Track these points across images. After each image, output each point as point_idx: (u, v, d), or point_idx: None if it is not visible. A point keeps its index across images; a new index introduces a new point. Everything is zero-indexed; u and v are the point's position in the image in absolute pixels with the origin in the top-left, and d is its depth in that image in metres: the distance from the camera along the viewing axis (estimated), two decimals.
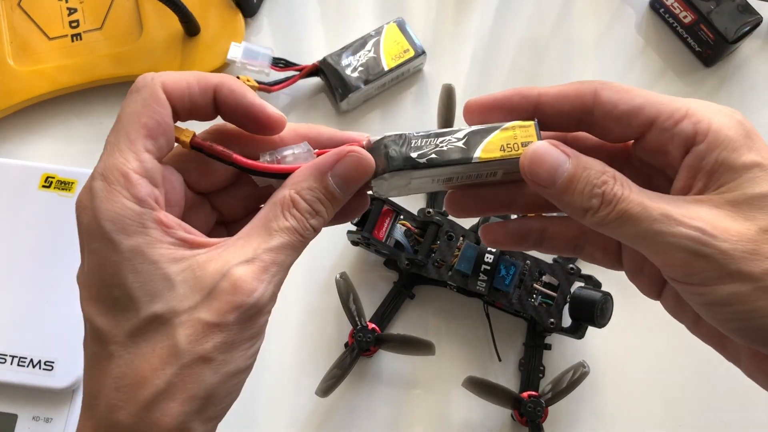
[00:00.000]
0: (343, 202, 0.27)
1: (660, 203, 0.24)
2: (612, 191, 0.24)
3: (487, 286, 0.44)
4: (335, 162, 0.26)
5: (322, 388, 0.43)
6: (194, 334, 0.24)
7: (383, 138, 0.26)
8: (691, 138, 0.24)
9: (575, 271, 0.45)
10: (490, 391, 0.43)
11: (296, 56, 0.52)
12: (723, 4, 0.51)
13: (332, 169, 0.26)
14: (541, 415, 0.43)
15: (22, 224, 0.45)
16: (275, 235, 0.25)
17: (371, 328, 0.44)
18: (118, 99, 0.52)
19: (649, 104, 0.25)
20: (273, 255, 0.25)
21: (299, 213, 0.26)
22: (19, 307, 0.44)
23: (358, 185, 0.26)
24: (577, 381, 0.43)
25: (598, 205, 0.24)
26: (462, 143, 0.26)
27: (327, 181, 0.26)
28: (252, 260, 0.24)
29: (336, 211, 0.27)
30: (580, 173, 0.24)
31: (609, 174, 0.24)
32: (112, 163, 0.25)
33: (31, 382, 0.42)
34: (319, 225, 0.26)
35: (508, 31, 0.55)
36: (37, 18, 0.52)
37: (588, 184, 0.24)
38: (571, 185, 0.24)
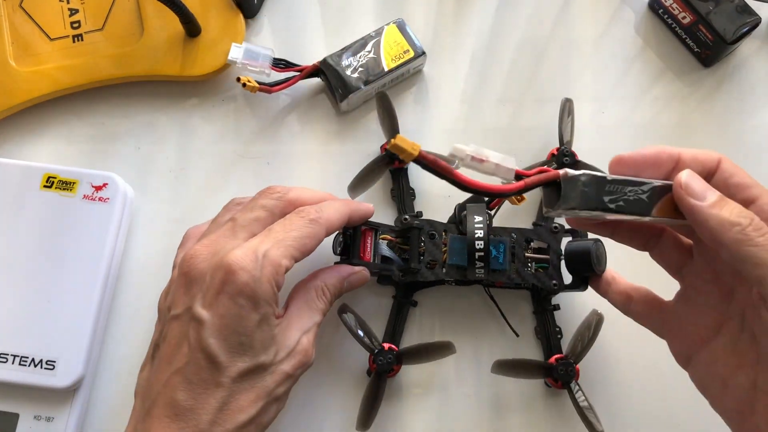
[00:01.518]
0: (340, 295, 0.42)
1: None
2: (761, 222, 0.28)
3: (485, 271, 0.44)
4: (350, 274, 0.42)
5: (362, 422, 0.43)
6: (278, 380, 0.35)
7: (581, 175, 0.29)
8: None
9: (559, 228, 0.46)
10: (519, 368, 0.45)
11: (297, 57, 0.52)
12: (722, 4, 0.51)
13: (349, 277, 0.41)
14: (574, 375, 0.44)
15: (24, 224, 0.45)
16: (315, 314, 0.39)
17: (388, 348, 0.44)
18: (119, 99, 0.53)
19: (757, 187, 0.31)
20: (316, 328, 0.39)
21: (326, 299, 0.40)
22: (21, 307, 0.44)
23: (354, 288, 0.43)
24: (596, 330, 0.44)
25: (747, 224, 0.28)
26: (645, 197, 0.30)
27: (343, 284, 0.41)
28: (308, 331, 0.38)
29: None
30: (728, 199, 0.29)
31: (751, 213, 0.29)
32: (276, 253, 0.35)
33: (32, 382, 0.42)
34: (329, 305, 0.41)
35: (508, 31, 0.55)
36: (38, 18, 0.52)
37: (736, 207, 0.29)
38: (722, 202, 0.29)
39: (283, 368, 0.35)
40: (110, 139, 0.52)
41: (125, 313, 0.48)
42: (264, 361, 0.34)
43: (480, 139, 0.52)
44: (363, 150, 0.51)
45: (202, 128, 0.52)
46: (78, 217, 0.45)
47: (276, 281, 0.35)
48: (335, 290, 0.40)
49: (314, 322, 0.38)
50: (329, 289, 0.39)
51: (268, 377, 0.34)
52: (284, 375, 0.35)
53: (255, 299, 0.34)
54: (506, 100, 0.53)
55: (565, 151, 0.48)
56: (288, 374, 0.35)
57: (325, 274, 0.40)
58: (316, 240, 0.37)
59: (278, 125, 0.52)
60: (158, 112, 0.53)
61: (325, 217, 0.38)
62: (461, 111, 0.53)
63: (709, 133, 0.53)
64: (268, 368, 0.35)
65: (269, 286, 0.34)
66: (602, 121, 0.53)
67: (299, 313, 0.38)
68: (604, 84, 0.54)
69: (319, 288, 0.39)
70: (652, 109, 0.53)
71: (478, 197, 0.47)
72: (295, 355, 0.36)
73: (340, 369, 0.47)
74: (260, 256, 0.34)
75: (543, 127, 0.52)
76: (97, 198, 0.46)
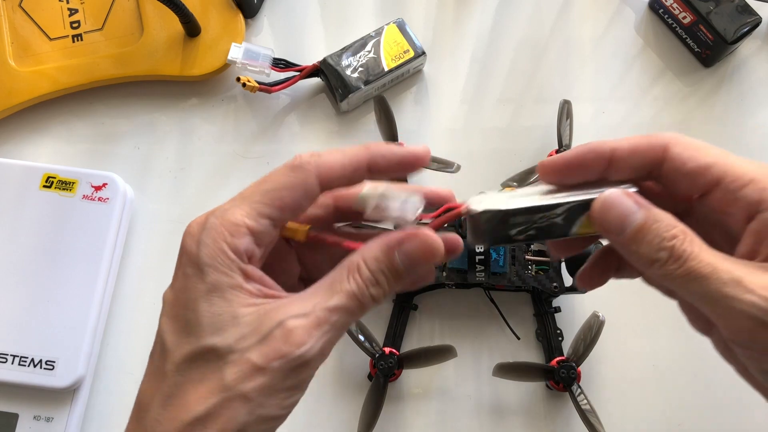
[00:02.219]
0: (405, 279, 0.27)
1: (730, 266, 0.24)
2: (682, 247, 0.24)
3: (486, 274, 0.44)
4: (404, 240, 0.27)
5: (363, 427, 0.43)
6: (241, 372, 0.25)
7: (483, 212, 0.27)
8: (755, 204, 0.25)
9: None
10: (521, 371, 0.45)
11: (296, 57, 0.52)
12: (722, 4, 0.51)
13: (400, 246, 0.27)
14: (575, 377, 0.44)
15: (23, 224, 0.45)
16: (335, 296, 0.26)
17: (389, 352, 0.44)
18: (118, 99, 0.53)
19: (718, 164, 0.26)
20: (328, 314, 0.26)
21: (361, 279, 0.27)
22: (21, 307, 0.44)
23: (422, 265, 0.27)
24: (598, 332, 0.44)
25: (666, 259, 0.24)
26: (561, 219, 0.27)
27: (393, 256, 0.27)
28: (307, 315, 0.26)
29: (398, 287, 0.28)
30: (650, 224, 0.25)
31: (679, 229, 0.25)
32: (233, 213, 0.27)
33: (32, 382, 0.42)
34: (378, 295, 0.27)
35: (508, 31, 0.55)
36: (38, 18, 0.52)
37: (657, 237, 0.25)
38: (639, 235, 0.25)
39: (249, 357, 0.25)
40: (110, 139, 0.52)
41: (125, 313, 0.48)
42: (216, 345, 0.26)
43: (480, 139, 0.52)
44: None
45: (202, 128, 0.52)
46: (78, 217, 0.45)
47: (231, 244, 0.26)
48: (378, 266, 0.27)
49: (326, 306, 0.26)
50: (368, 265, 0.27)
51: (225, 367, 0.26)
52: (251, 367, 0.25)
53: (199, 265, 0.26)
54: (506, 100, 0.53)
55: None
56: (257, 366, 0.25)
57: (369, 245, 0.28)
58: (298, 191, 0.27)
59: (278, 125, 0.52)
60: (158, 112, 0.53)
61: (316, 162, 0.27)
62: (461, 111, 0.53)
63: (709, 132, 0.52)
64: (224, 355, 0.26)
65: (215, 248, 0.26)
66: (602, 121, 0.53)
67: (308, 294, 0.27)
68: (604, 84, 0.54)
69: (354, 264, 0.27)
70: (652, 109, 0.53)
71: None
72: (269, 341, 0.25)
73: (341, 374, 0.47)
74: (212, 217, 0.27)
75: (543, 126, 0.52)
76: (96, 198, 0.46)
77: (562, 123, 0.49)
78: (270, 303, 0.27)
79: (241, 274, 0.26)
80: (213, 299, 0.26)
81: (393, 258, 0.27)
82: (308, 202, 0.28)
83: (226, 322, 0.26)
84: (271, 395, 0.26)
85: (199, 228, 0.27)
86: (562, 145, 0.49)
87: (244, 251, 0.27)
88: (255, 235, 0.27)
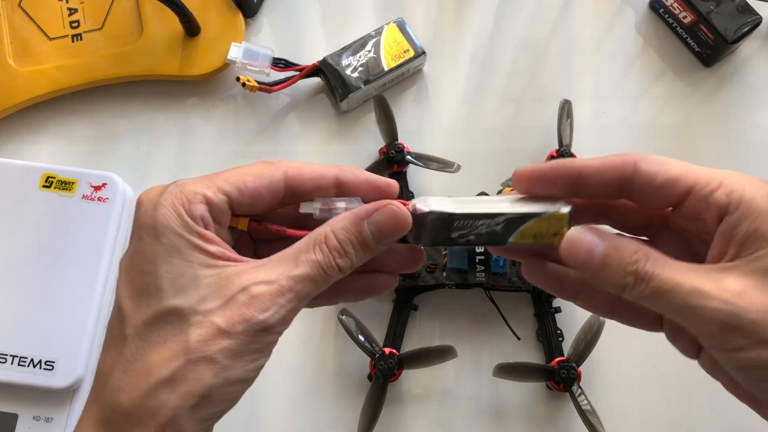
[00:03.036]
0: (374, 252, 0.28)
1: (690, 277, 0.25)
2: (644, 269, 0.25)
3: (486, 275, 0.44)
4: (374, 211, 0.28)
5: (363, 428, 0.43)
6: (205, 335, 0.26)
7: (429, 213, 0.28)
8: (724, 207, 0.26)
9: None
10: (521, 372, 0.45)
11: (296, 56, 0.52)
12: (723, 4, 0.51)
13: (370, 217, 0.28)
14: (576, 377, 0.44)
15: (23, 224, 0.45)
16: (300, 265, 0.27)
17: (389, 353, 0.44)
18: (118, 99, 0.53)
19: (686, 174, 0.27)
20: (292, 282, 0.27)
21: (328, 249, 0.27)
22: (20, 307, 0.44)
23: (391, 237, 0.28)
24: (598, 332, 0.44)
25: (633, 282, 0.26)
26: (500, 228, 0.28)
27: (362, 227, 0.28)
28: (272, 282, 0.26)
29: (366, 259, 0.28)
30: (613, 254, 0.26)
31: (641, 252, 0.26)
32: (195, 183, 0.27)
33: (31, 382, 0.42)
34: (345, 266, 0.28)
35: (508, 31, 0.55)
36: (37, 18, 0.52)
37: (621, 263, 0.26)
38: (605, 266, 0.26)
39: (213, 320, 0.25)
40: (109, 138, 0.52)
41: None
42: (178, 306, 0.26)
43: (480, 138, 0.52)
44: (363, 150, 0.51)
45: (202, 128, 0.52)
46: (77, 217, 0.45)
47: (187, 209, 0.27)
48: (346, 236, 0.28)
49: (290, 275, 0.27)
50: (336, 235, 0.27)
51: (189, 329, 0.25)
52: (215, 329, 0.25)
53: (154, 228, 0.26)
54: (506, 100, 0.53)
55: (565, 153, 0.48)
56: (221, 329, 0.25)
57: (337, 217, 0.28)
58: (262, 180, 0.28)
59: (278, 125, 0.52)
60: (157, 112, 0.52)
61: (288, 163, 0.29)
62: (461, 111, 0.53)
63: (709, 132, 0.52)
64: (187, 317, 0.26)
65: (172, 211, 0.26)
66: (603, 120, 0.53)
67: (273, 262, 0.27)
68: (605, 84, 0.54)
69: (321, 234, 0.28)
70: (652, 109, 0.53)
71: None
72: (233, 305, 0.26)
73: (341, 374, 0.47)
74: (171, 186, 0.27)
75: (543, 126, 0.52)
76: (96, 198, 0.46)
77: (563, 123, 0.49)
78: (232, 266, 0.27)
79: (199, 236, 0.27)
80: (173, 260, 0.26)
81: (362, 229, 0.28)
82: (270, 193, 0.28)
83: (187, 283, 0.26)
84: (237, 358, 0.26)
85: (155, 195, 0.27)
86: (563, 145, 0.49)
87: (200, 217, 0.27)
88: (211, 205, 0.27)
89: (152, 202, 0.27)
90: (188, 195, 0.27)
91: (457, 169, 0.48)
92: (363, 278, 0.31)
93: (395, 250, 0.31)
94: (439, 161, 0.49)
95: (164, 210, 0.27)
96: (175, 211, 0.27)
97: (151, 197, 0.27)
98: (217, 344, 0.26)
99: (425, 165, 0.48)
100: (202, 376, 0.25)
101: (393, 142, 0.49)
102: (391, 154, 0.48)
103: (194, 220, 0.27)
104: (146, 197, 0.27)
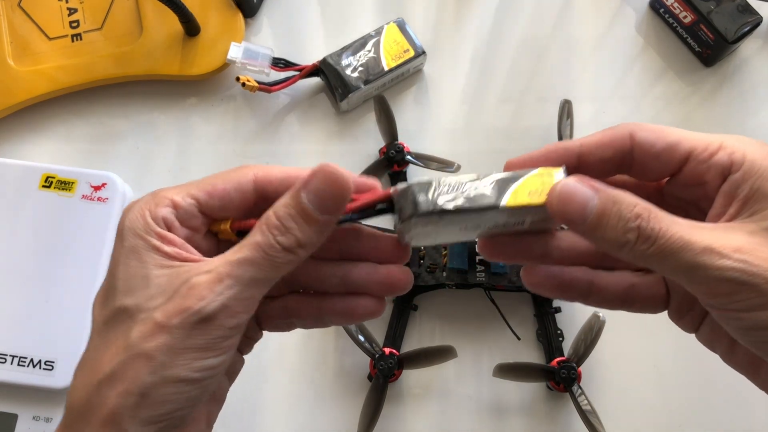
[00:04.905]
0: (322, 224, 0.26)
1: (700, 235, 0.24)
2: (649, 227, 0.24)
3: (486, 275, 0.44)
4: (309, 178, 0.26)
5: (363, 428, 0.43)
6: (145, 331, 0.25)
7: (411, 185, 0.26)
8: (727, 168, 0.26)
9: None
10: (521, 372, 0.45)
11: (296, 56, 0.52)
12: (723, 4, 0.51)
13: (306, 186, 0.26)
14: (576, 378, 0.44)
15: (22, 224, 0.45)
16: (240, 250, 0.26)
17: (389, 353, 0.44)
18: (118, 99, 0.52)
19: (685, 139, 0.26)
20: (230, 268, 0.25)
21: (267, 229, 0.26)
22: (20, 307, 0.44)
23: (334, 203, 0.26)
24: (598, 332, 0.44)
25: (635, 240, 0.24)
26: (490, 190, 0.26)
27: (299, 198, 0.26)
28: (210, 270, 0.25)
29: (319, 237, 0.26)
30: (610, 207, 0.24)
31: (641, 207, 0.24)
32: (166, 191, 0.28)
33: (31, 382, 0.42)
34: (288, 243, 0.26)
35: (508, 31, 0.55)
36: (37, 18, 0.52)
37: (621, 219, 0.24)
38: (602, 220, 0.24)
39: (154, 315, 0.25)
40: (109, 138, 0.52)
41: None
42: (127, 305, 0.26)
43: (480, 138, 0.52)
44: (363, 150, 0.51)
45: (202, 128, 0.52)
46: (77, 217, 0.45)
47: (152, 212, 0.27)
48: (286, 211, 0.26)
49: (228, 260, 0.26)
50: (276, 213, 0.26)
51: (133, 326, 0.25)
52: (153, 325, 0.25)
53: (121, 232, 0.27)
54: (507, 100, 0.53)
55: None
56: (159, 324, 0.25)
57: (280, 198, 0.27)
58: (230, 183, 0.28)
59: (278, 125, 0.52)
60: (157, 112, 0.52)
61: (258, 167, 0.28)
62: (461, 111, 0.53)
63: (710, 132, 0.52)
64: (134, 315, 0.25)
65: (138, 215, 0.27)
66: (603, 120, 0.53)
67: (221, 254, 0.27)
68: (605, 84, 0.54)
69: (264, 216, 0.26)
70: (653, 109, 0.53)
71: None
72: (175, 298, 0.25)
73: (341, 374, 0.47)
74: (146, 195, 0.28)
75: (543, 126, 0.52)
76: (95, 198, 0.46)
77: (563, 123, 0.49)
78: (185, 266, 0.26)
79: (157, 237, 0.26)
80: (130, 262, 0.26)
81: (299, 200, 0.26)
82: (239, 195, 0.28)
83: (138, 283, 0.26)
84: (176, 355, 0.25)
85: (134, 202, 0.28)
86: None
87: (161, 218, 0.27)
88: (177, 208, 0.27)
89: (127, 209, 0.28)
90: (157, 200, 0.27)
91: (457, 169, 0.48)
92: (344, 300, 0.29)
93: (375, 238, 0.29)
94: (439, 161, 0.48)
95: (131, 214, 0.27)
96: (140, 214, 0.27)
97: (128, 206, 0.28)
98: (154, 340, 0.25)
99: (425, 165, 0.48)
100: (139, 373, 0.25)
101: (393, 142, 0.49)
102: (391, 154, 0.48)
103: (156, 221, 0.27)
104: (128, 206, 0.28)
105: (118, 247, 0.27)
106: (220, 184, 0.28)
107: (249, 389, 0.46)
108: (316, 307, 0.29)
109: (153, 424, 0.25)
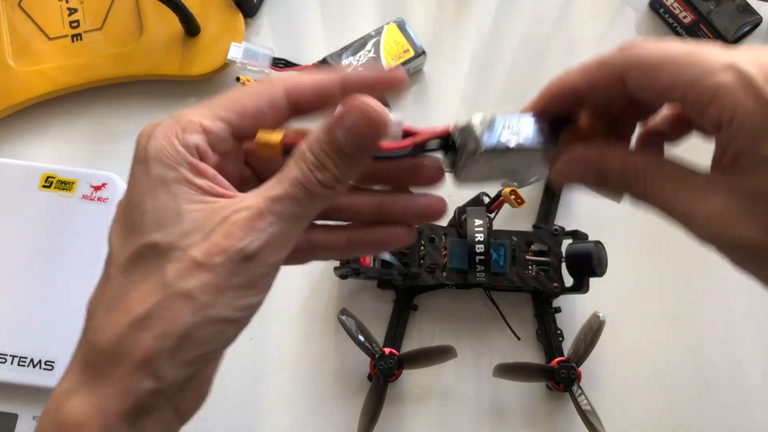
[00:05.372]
0: (358, 160, 0.25)
1: (683, 196, 0.25)
2: (640, 188, 0.26)
3: (486, 275, 0.44)
4: (344, 114, 0.25)
5: (363, 428, 0.43)
6: (182, 269, 0.24)
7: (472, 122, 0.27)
8: (718, 123, 0.25)
9: (560, 230, 0.46)
10: (521, 372, 0.45)
11: (296, 56, 0.52)
12: (723, 4, 0.51)
13: (341, 123, 0.25)
14: (576, 378, 0.44)
15: (23, 224, 0.45)
16: (279, 186, 0.25)
17: (389, 353, 0.44)
18: (118, 99, 0.53)
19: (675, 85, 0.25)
20: (270, 204, 0.24)
21: (304, 164, 0.25)
22: (20, 307, 0.44)
23: (369, 139, 0.25)
24: (598, 332, 0.44)
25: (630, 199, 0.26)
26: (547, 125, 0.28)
27: (334, 135, 0.25)
28: (250, 207, 0.24)
29: (355, 171, 0.26)
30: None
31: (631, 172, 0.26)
32: (190, 113, 0.26)
33: (31, 382, 0.42)
34: (326, 180, 0.25)
35: (508, 31, 0.55)
36: (37, 18, 0.52)
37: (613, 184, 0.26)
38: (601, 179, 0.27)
39: (191, 254, 0.24)
40: (109, 138, 0.52)
41: None
42: (158, 241, 0.24)
43: None
44: None
45: None
46: (77, 217, 0.45)
47: (181, 138, 0.25)
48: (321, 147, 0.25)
49: (269, 196, 0.25)
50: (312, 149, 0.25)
51: (167, 264, 0.24)
52: (192, 263, 0.23)
53: (146, 160, 0.25)
54: (506, 100, 0.53)
55: None
56: (198, 262, 0.23)
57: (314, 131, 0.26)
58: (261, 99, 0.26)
59: None
60: (157, 112, 0.52)
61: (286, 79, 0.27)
62: (461, 110, 0.53)
63: None
64: (167, 252, 0.24)
65: (164, 141, 0.25)
66: None
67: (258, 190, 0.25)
68: None
69: (300, 151, 0.25)
70: None
71: (477, 201, 0.47)
72: (212, 236, 0.24)
73: (341, 374, 0.47)
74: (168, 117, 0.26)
75: None
76: (96, 198, 0.46)
77: None
78: (221, 201, 0.25)
79: (190, 168, 0.25)
80: (158, 194, 0.25)
81: (334, 137, 0.25)
82: (272, 111, 0.26)
83: (170, 218, 0.24)
84: (219, 294, 0.24)
85: (152, 127, 0.26)
86: None
87: (194, 146, 0.25)
88: (208, 134, 0.25)
89: (147, 135, 0.25)
90: (183, 124, 0.25)
91: None
92: (376, 230, 0.29)
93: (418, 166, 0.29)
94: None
95: (156, 141, 0.25)
96: (167, 141, 0.25)
97: (148, 131, 0.26)
98: (194, 279, 0.23)
99: None
100: (180, 314, 0.23)
101: None
102: None
103: (188, 149, 0.25)
104: (144, 131, 0.26)
105: (141, 177, 0.25)
106: (249, 102, 0.26)
107: (249, 389, 0.46)
108: (345, 239, 0.28)
109: (189, 366, 0.24)
